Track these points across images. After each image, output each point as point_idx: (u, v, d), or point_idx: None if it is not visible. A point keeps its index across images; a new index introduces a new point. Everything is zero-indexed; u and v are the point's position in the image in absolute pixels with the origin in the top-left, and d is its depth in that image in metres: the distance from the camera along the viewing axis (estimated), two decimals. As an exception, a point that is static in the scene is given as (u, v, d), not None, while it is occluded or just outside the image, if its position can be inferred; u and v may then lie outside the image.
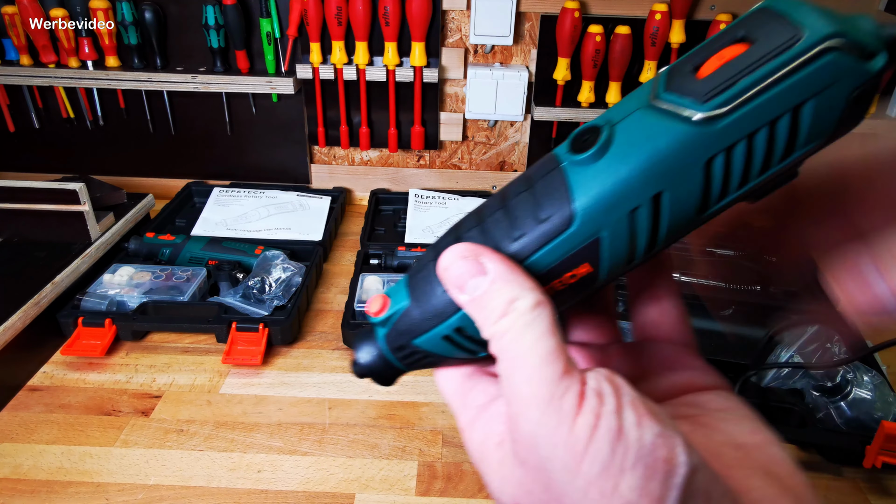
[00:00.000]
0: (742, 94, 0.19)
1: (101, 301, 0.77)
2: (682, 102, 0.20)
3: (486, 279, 0.22)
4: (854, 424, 0.63)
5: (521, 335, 0.20)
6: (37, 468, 0.60)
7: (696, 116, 0.20)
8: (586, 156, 0.21)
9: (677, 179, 0.20)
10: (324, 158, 1.13)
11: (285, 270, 0.81)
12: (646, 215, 0.21)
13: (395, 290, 0.25)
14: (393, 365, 0.26)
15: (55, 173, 1.08)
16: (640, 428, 0.19)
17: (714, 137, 0.20)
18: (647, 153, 0.20)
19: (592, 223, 0.21)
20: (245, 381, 0.71)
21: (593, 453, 0.18)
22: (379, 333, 0.26)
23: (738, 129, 0.20)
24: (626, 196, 0.21)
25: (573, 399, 0.19)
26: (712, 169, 0.20)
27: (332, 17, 0.95)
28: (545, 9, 0.98)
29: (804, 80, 0.19)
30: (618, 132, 0.21)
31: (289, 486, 0.59)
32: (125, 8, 0.95)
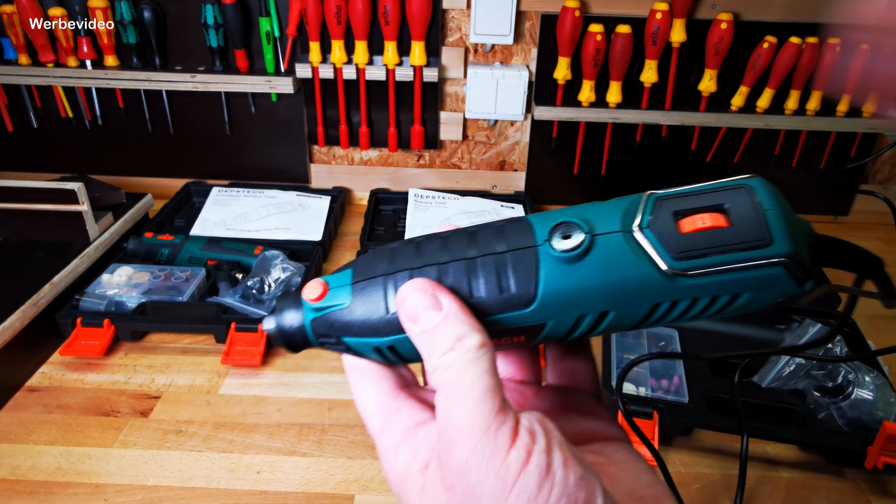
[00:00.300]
0: (707, 266, 0.23)
1: (99, 301, 0.76)
2: (658, 249, 0.23)
3: (439, 314, 0.23)
4: (855, 425, 0.63)
5: (464, 370, 0.22)
6: (35, 469, 0.59)
7: (665, 268, 0.23)
8: (563, 255, 0.23)
9: (626, 307, 0.24)
10: (323, 158, 1.13)
11: (284, 270, 0.81)
12: (589, 322, 0.24)
13: (337, 283, 0.26)
14: (308, 341, 0.27)
15: (54, 173, 1.08)
16: (566, 468, 0.20)
17: (670, 289, 0.23)
18: (614, 279, 0.23)
19: (545, 312, 0.24)
20: (244, 381, 0.71)
21: (521, 486, 0.20)
22: (307, 310, 0.27)
23: (691, 291, 0.23)
24: (582, 304, 0.24)
25: (507, 433, 0.21)
26: (656, 309, 0.24)
27: (332, 17, 0.95)
28: (545, 8, 0.98)
29: (754, 278, 0.23)
30: (597, 246, 0.23)
31: (288, 486, 0.59)
32: (124, 7, 0.95)
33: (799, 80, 0.99)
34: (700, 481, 0.61)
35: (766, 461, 0.64)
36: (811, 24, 0.96)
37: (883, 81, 0.26)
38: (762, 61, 0.97)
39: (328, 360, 0.75)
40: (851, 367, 0.66)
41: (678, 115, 1.02)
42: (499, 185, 1.15)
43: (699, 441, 0.66)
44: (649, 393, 0.67)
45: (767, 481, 0.62)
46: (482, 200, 1.07)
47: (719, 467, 0.63)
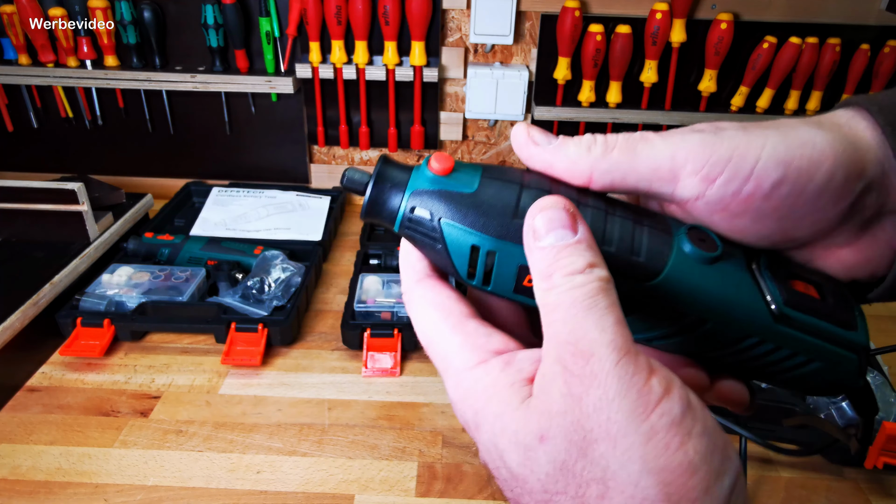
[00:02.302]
0: (805, 323, 0.24)
1: (99, 301, 0.76)
2: (773, 291, 0.24)
3: (574, 236, 0.22)
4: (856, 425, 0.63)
5: (598, 294, 0.21)
6: (35, 469, 0.59)
7: (774, 308, 0.24)
8: (699, 252, 0.24)
9: (724, 325, 0.24)
10: (323, 158, 1.13)
11: (284, 270, 0.81)
12: (686, 323, 0.25)
13: (466, 169, 0.24)
14: (392, 213, 0.24)
15: (54, 173, 1.08)
16: (705, 410, 0.20)
17: (767, 328, 0.24)
18: (729, 294, 0.24)
19: (661, 293, 0.24)
20: (244, 381, 0.71)
21: (665, 409, 0.19)
22: (420, 177, 0.24)
23: (782, 338, 0.24)
24: (690, 302, 0.24)
25: (646, 363, 0.20)
26: (744, 340, 0.25)
27: (332, 17, 0.95)
28: (545, 8, 0.98)
29: (834, 352, 0.24)
30: (724, 260, 0.25)
31: (288, 486, 0.59)
32: (124, 7, 0.95)
33: (799, 80, 0.99)
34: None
35: (766, 461, 0.64)
36: (811, 24, 0.96)
37: None
38: (762, 61, 0.97)
39: (328, 360, 0.75)
40: (851, 367, 0.66)
41: (678, 115, 1.02)
42: (499, 185, 1.15)
43: (699, 441, 0.66)
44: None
45: (767, 481, 0.62)
46: (482, 200, 1.07)
47: (719, 467, 0.63)
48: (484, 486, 0.60)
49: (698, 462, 0.19)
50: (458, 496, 0.59)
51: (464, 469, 0.61)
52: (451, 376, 0.24)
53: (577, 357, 0.20)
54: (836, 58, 0.97)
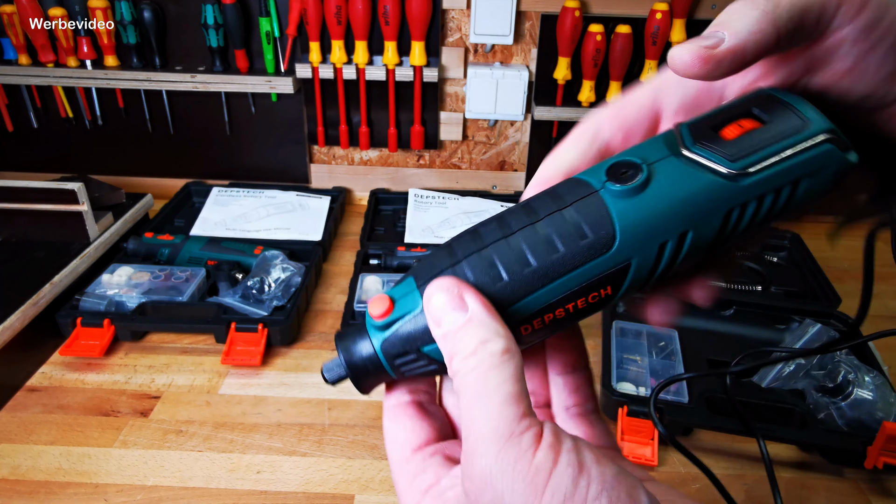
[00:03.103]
0: (763, 160, 0.23)
1: (99, 301, 0.76)
2: (714, 158, 0.23)
3: (463, 316, 0.22)
4: (855, 425, 0.63)
5: (487, 375, 0.21)
6: (35, 469, 0.59)
7: (726, 171, 0.23)
8: (628, 188, 0.23)
9: (701, 222, 0.23)
10: (323, 158, 1.13)
11: (284, 270, 0.81)
12: (671, 249, 0.24)
13: (402, 293, 0.25)
14: (382, 371, 0.26)
15: (54, 173, 1.08)
16: (601, 465, 0.19)
17: (736, 192, 0.23)
18: (684, 195, 0.23)
19: (629, 249, 0.23)
20: (244, 381, 0.71)
21: (554, 486, 0.19)
22: (374, 337, 0.25)
23: (756, 188, 0.23)
24: (660, 230, 0.23)
25: (531, 437, 0.20)
26: (730, 217, 0.24)
27: (332, 17, 0.95)
28: (545, 8, 0.98)
29: (808, 160, 0.23)
30: (657, 171, 0.24)
31: (288, 486, 0.59)
32: (124, 7, 0.95)
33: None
34: (700, 481, 0.61)
35: (765, 461, 0.64)
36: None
37: None
38: (762, 61, 0.97)
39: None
40: (851, 367, 0.66)
41: (678, 115, 1.02)
42: (499, 185, 1.15)
43: (699, 441, 0.66)
44: (649, 393, 0.67)
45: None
46: (482, 200, 1.07)
47: (719, 467, 0.63)
48: None
49: None
50: (458, 496, 0.58)
51: (464, 469, 0.61)
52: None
53: (466, 458, 0.21)
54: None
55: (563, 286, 0.23)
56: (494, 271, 0.24)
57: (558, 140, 1.19)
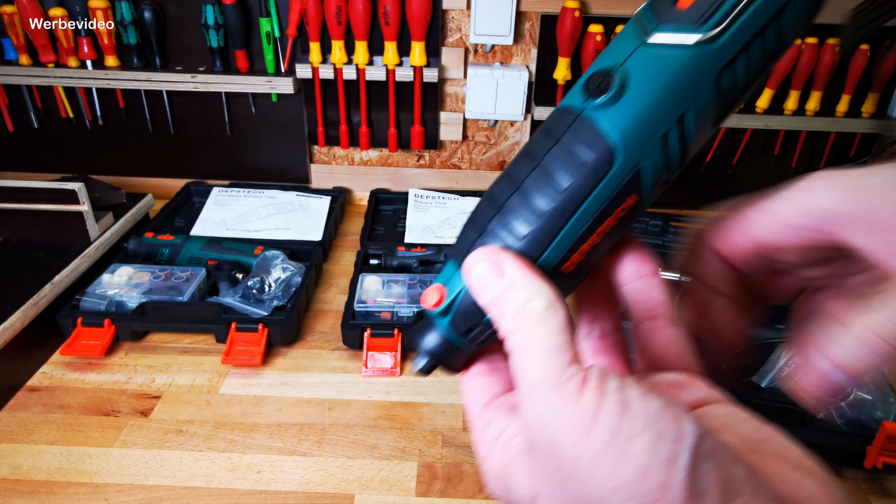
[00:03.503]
0: (730, 12, 0.22)
1: (100, 301, 0.76)
2: (679, 30, 0.22)
3: (503, 281, 0.23)
4: (855, 425, 0.63)
5: (532, 329, 0.22)
6: (36, 469, 0.59)
7: (696, 39, 0.22)
8: (607, 98, 0.23)
9: (695, 98, 0.23)
10: (323, 158, 1.13)
11: (285, 270, 0.81)
12: (676, 135, 0.23)
13: (448, 277, 0.26)
14: (461, 348, 0.27)
15: (54, 173, 1.08)
16: (645, 400, 0.20)
17: (718, 54, 0.22)
18: (664, 82, 0.22)
19: (632, 156, 0.23)
20: (244, 381, 0.71)
21: (601, 424, 0.19)
22: (440, 323, 0.27)
23: (735, 41, 0.22)
24: (656, 124, 0.23)
25: (577, 382, 0.21)
26: (722, 81, 0.23)
27: (332, 17, 0.95)
28: (545, 8, 0.98)
29: None
30: (629, 70, 0.23)
31: (288, 486, 0.59)
32: (124, 7, 0.95)
33: (798, 80, 0.99)
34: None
35: (765, 461, 0.64)
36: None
37: None
38: (762, 61, 0.97)
39: (328, 359, 0.75)
40: (851, 367, 0.66)
41: (678, 115, 1.02)
42: (499, 186, 1.15)
43: (699, 441, 0.66)
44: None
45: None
46: (482, 200, 1.07)
47: (719, 467, 0.63)
48: (484, 486, 0.60)
49: (648, 461, 0.19)
50: (458, 496, 0.59)
51: (464, 469, 0.61)
52: (479, 464, 0.26)
53: (521, 411, 0.22)
54: (836, 58, 0.97)
55: (584, 216, 0.24)
56: (516, 227, 0.24)
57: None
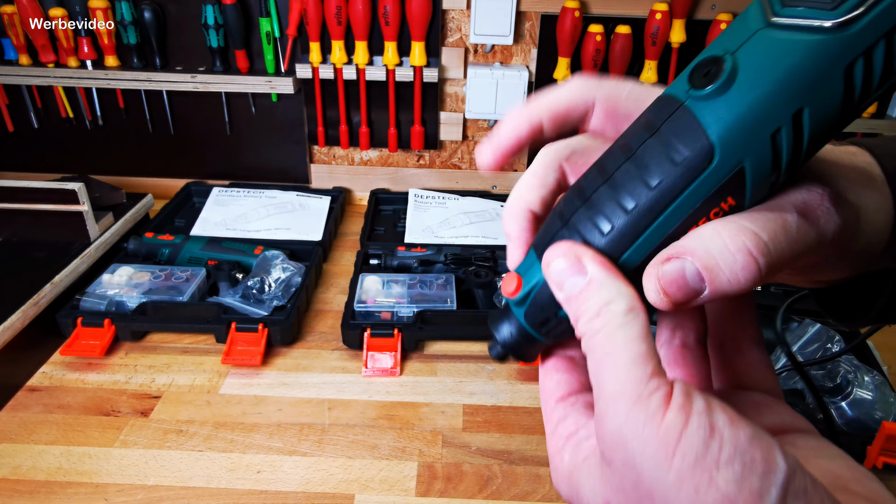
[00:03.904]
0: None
1: (100, 301, 0.76)
2: (810, 14, 0.19)
3: (583, 279, 0.22)
4: (855, 425, 0.63)
5: (613, 335, 0.21)
6: (36, 469, 0.59)
7: (828, 24, 0.19)
8: (713, 88, 0.20)
9: (817, 92, 0.20)
10: (323, 158, 1.13)
11: (285, 270, 0.81)
12: (788, 135, 0.20)
13: (527, 267, 0.25)
14: (535, 339, 0.26)
15: (54, 173, 1.08)
16: (734, 427, 0.19)
17: (851, 41, 0.19)
18: (782, 71, 0.19)
19: (734, 154, 0.20)
20: (244, 381, 0.71)
21: (685, 447, 0.18)
22: (516, 312, 0.26)
23: (876, 28, 0.19)
24: (766, 120, 0.20)
25: (661, 398, 0.19)
26: (854, 73, 0.19)
27: (332, 17, 0.95)
28: (545, 8, 0.98)
29: None
30: (742, 58, 0.20)
31: (288, 486, 0.59)
32: (124, 7, 0.95)
33: (799, 80, 0.99)
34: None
35: (765, 461, 0.64)
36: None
37: None
38: (762, 61, 0.97)
39: (328, 359, 0.75)
40: (851, 367, 0.66)
41: (678, 115, 1.02)
42: (499, 185, 1.15)
43: (699, 441, 0.66)
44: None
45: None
46: (482, 200, 1.07)
47: (719, 467, 0.63)
48: (484, 485, 0.60)
49: (734, 493, 0.18)
50: (458, 496, 0.59)
51: (464, 469, 0.61)
52: (550, 459, 0.26)
53: (598, 420, 0.21)
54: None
55: (674, 216, 0.21)
56: (600, 223, 0.22)
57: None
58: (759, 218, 0.21)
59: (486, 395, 0.71)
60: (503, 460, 0.62)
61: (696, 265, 0.21)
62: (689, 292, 0.21)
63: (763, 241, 0.20)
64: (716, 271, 0.21)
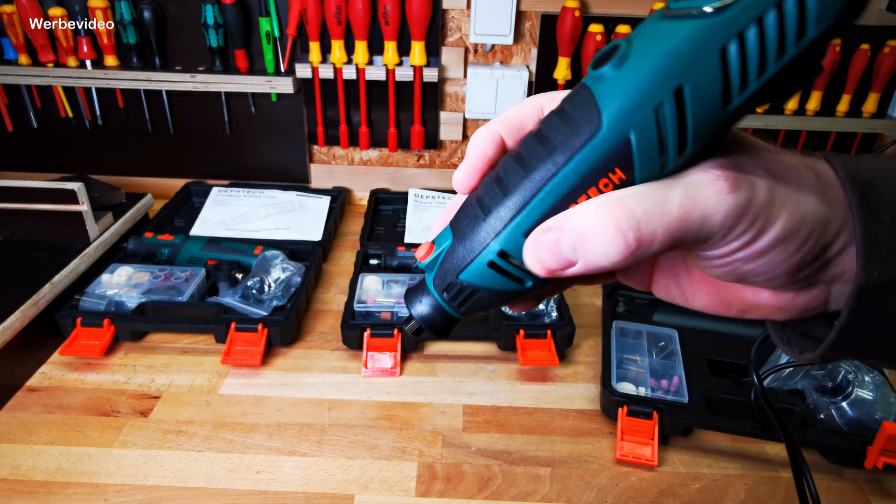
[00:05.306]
0: None
1: (99, 301, 0.76)
2: (693, 3, 0.21)
3: (568, 240, 0.23)
4: (855, 425, 0.63)
5: None
6: (35, 469, 0.59)
7: (707, 8, 0.21)
8: (607, 67, 0.22)
9: (695, 70, 0.21)
10: (323, 158, 1.13)
11: (284, 270, 0.81)
12: (670, 110, 0.21)
13: (440, 235, 0.27)
14: (445, 311, 0.27)
15: (54, 173, 1.08)
16: None
17: (725, 23, 0.21)
18: (663, 50, 0.21)
19: (619, 125, 0.22)
20: (244, 381, 0.71)
21: None
22: (427, 280, 0.27)
23: (748, 11, 0.20)
24: (648, 93, 0.21)
25: None
26: (728, 55, 0.21)
27: (332, 17, 0.95)
28: (545, 8, 0.98)
29: None
30: (634, 42, 0.22)
31: (288, 486, 0.59)
32: (124, 7, 0.95)
33: (799, 80, 0.99)
34: (700, 481, 0.61)
35: (765, 461, 0.64)
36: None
37: None
38: (762, 61, 0.97)
39: (328, 359, 0.75)
40: (851, 367, 0.66)
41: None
42: (499, 185, 1.15)
43: (699, 441, 0.66)
44: (649, 393, 0.67)
45: (767, 481, 0.62)
46: (482, 200, 1.07)
47: (719, 467, 0.63)
48: (484, 485, 0.60)
49: None
50: (458, 496, 0.59)
51: (464, 469, 0.61)
52: None
53: None
54: (836, 58, 0.97)
55: (566, 181, 0.23)
56: (502, 186, 0.24)
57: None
58: (640, 193, 0.22)
59: (486, 396, 0.70)
60: (503, 460, 0.62)
61: (571, 237, 0.22)
62: (562, 261, 0.22)
63: (637, 215, 0.21)
64: (587, 244, 0.22)
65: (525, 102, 0.27)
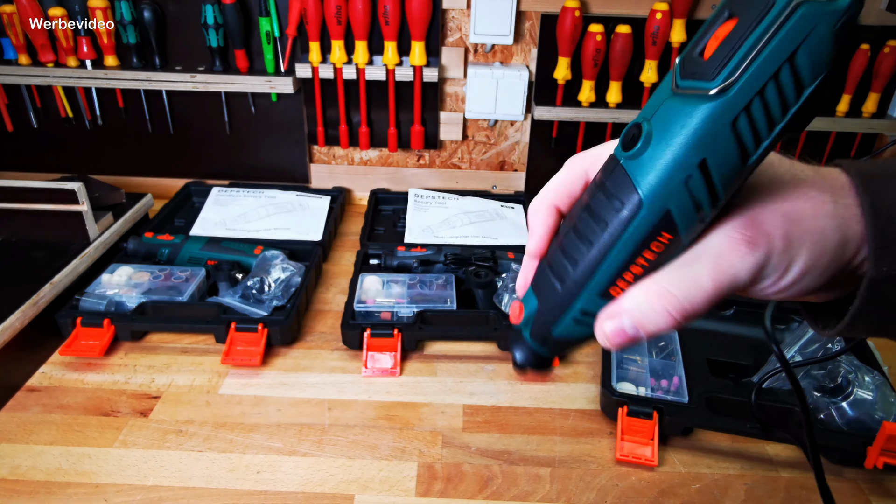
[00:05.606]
0: (741, 62, 0.23)
1: (99, 301, 0.76)
2: (697, 84, 0.24)
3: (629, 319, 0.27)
4: (855, 425, 0.63)
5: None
6: (35, 469, 0.59)
7: (712, 91, 0.23)
8: (635, 150, 0.25)
9: (713, 145, 0.24)
10: (323, 158, 1.13)
11: (284, 270, 0.81)
12: (699, 180, 0.25)
13: (526, 298, 0.32)
14: (543, 356, 0.32)
15: (53, 173, 1.08)
16: None
17: (730, 103, 0.23)
18: (682, 133, 0.24)
19: (657, 201, 0.25)
20: (244, 381, 0.71)
21: None
22: (525, 333, 0.32)
23: (748, 89, 0.23)
24: (677, 170, 0.24)
25: None
26: (738, 127, 0.24)
27: (332, 17, 0.95)
28: (545, 8, 0.98)
29: (787, 34, 0.22)
30: (654, 124, 0.25)
31: (288, 486, 0.59)
32: (124, 7, 0.95)
33: (799, 80, 0.99)
34: (700, 481, 0.61)
35: (765, 461, 0.64)
36: (811, 24, 0.96)
37: None
38: (762, 61, 0.97)
39: (328, 360, 0.75)
40: (851, 367, 0.66)
41: (678, 115, 1.02)
42: (499, 185, 1.15)
43: (699, 441, 0.66)
44: (649, 393, 0.67)
45: (767, 481, 0.62)
46: (482, 200, 1.07)
47: (719, 467, 0.63)
48: (484, 485, 0.60)
49: None
50: (458, 496, 0.59)
51: (464, 469, 0.61)
52: None
53: None
54: (836, 58, 0.97)
55: (623, 250, 0.26)
56: (569, 262, 0.28)
57: (558, 140, 1.18)
58: (676, 277, 0.26)
59: (485, 396, 0.70)
60: (503, 461, 0.62)
61: (630, 321, 0.27)
62: (627, 339, 0.27)
63: (678, 300, 0.26)
64: (643, 324, 0.27)
65: (570, 169, 0.31)
